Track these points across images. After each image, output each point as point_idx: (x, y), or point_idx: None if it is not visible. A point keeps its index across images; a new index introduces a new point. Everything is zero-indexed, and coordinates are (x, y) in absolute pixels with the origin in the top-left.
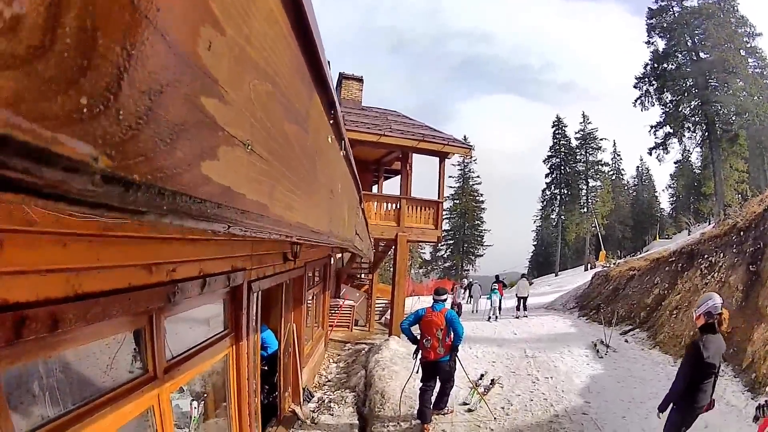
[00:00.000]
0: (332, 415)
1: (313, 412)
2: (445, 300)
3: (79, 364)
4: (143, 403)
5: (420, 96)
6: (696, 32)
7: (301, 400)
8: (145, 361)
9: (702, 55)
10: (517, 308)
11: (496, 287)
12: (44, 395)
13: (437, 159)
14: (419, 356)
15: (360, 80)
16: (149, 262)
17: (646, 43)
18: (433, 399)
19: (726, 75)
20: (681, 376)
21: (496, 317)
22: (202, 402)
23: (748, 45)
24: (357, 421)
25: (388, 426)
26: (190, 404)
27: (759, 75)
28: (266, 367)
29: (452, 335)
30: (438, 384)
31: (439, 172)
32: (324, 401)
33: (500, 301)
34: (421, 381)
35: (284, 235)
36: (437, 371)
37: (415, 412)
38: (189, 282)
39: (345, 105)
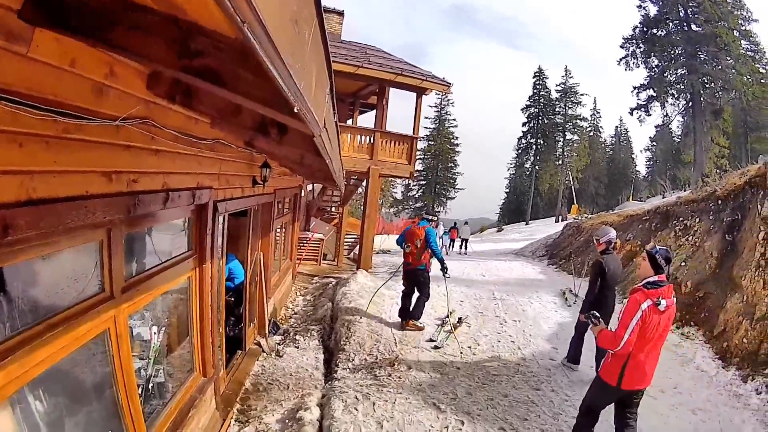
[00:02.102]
0: (298, 347)
1: (279, 344)
2: (431, 221)
3: (29, 279)
4: (99, 325)
5: (405, 37)
6: (690, 4)
7: (267, 332)
8: (101, 279)
9: (694, 27)
10: (460, 246)
11: (449, 231)
12: None
13: (414, 96)
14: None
15: (341, 14)
16: (109, 170)
17: (638, 6)
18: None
19: (716, 50)
20: (591, 287)
21: (447, 253)
22: (163, 329)
23: (743, 28)
24: (322, 354)
25: (353, 359)
26: (150, 329)
27: (751, 58)
28: (232, 299)
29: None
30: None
31: (416, 108)
32: (290, 334)
33: (451, 241)
34: (403, 286)
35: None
36: (414, 279)
37: (381, 346)
38: (151, 195)
39: None
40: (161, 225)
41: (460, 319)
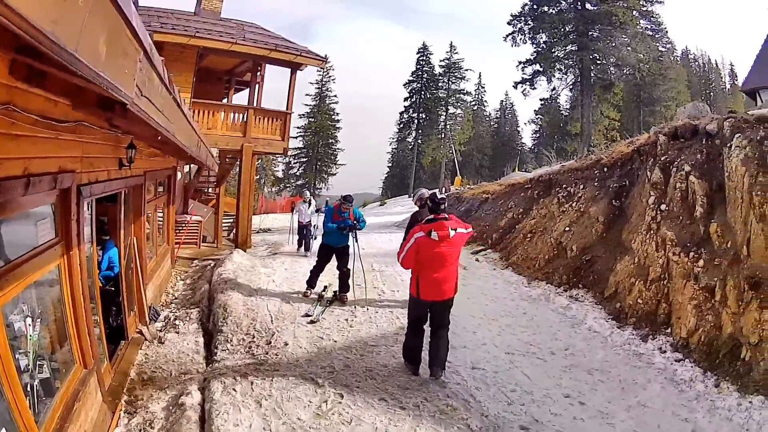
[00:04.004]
0: (178, 333)
1: (160, 331)
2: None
3: None
4: None
5: (297, 15)
6: None
7: (148, 320)
8: None
9: (588, 6)
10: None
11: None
12: None
13: (290, 71)
14: None
15: None
16: None
17: None
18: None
19: (611, 28)
20: (407, 232)
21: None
22: (40, 321)
23: (644, 9)
24: (202, 337)
25: (231, 339)
26: (25, 322)
27: (651, 37)
28: (114, 288)
29: None
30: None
31: (290, 84)
32: (170, 319)
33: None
34: None
35: None
36: None
37: (257, 324)
38: (11, 181)
39: (203, 15)
40: (27, 212)
41: (335, 293)
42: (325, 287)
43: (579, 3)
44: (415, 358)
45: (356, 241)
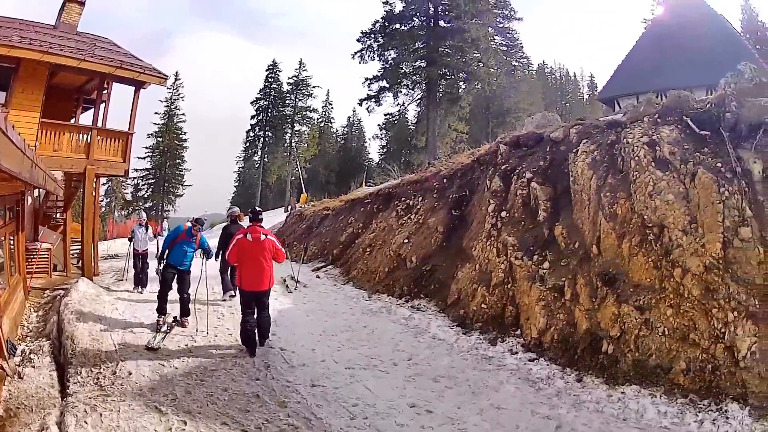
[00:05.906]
0: (34, 367)
1: (18, 365)
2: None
3: None
4: None
5: (149, 27)
6: (442, 2)
7: (6, 355)
8: None
9: (441, 23)
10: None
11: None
12: None
13: (134, 90)
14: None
15: (82, 3)
16: None
17: (383, 2)
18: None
19: (462, 44)
20: (220, 242)
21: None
22: None
23: (501, 25)
24: (56, 370)
25: (81, 371)
26: None
27: (505, 52)
28: None
29: None
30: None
31: (133, 102)
32: (26, 353)
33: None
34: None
35: None
36: None
37: (103, 355)
38: None
39: (61, 29)
40: None
41: (175, 318)
42: (164, 314)
43: (431, 20)
44: (251, 341)
45: (206, 263)
